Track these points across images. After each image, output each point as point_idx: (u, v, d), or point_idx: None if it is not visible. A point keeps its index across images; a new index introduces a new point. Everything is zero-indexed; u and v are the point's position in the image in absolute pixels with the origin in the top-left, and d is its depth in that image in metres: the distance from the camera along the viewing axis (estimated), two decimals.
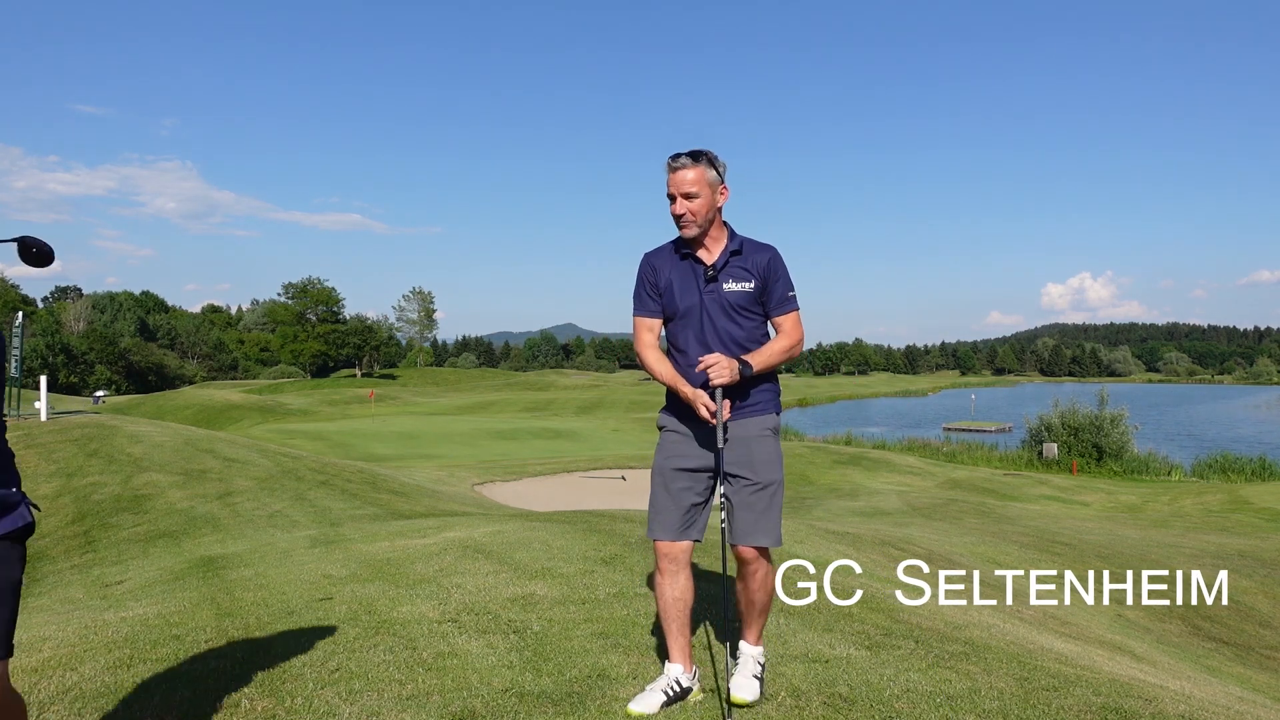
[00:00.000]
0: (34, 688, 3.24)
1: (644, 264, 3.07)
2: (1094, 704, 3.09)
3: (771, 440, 2.99)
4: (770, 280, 2.97)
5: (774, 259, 2.99)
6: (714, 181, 2.93)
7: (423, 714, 2.94)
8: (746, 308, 2.98)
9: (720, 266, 2.97)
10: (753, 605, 3.05)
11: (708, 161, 2.91)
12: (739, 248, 2.99)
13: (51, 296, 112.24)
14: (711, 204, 2.92)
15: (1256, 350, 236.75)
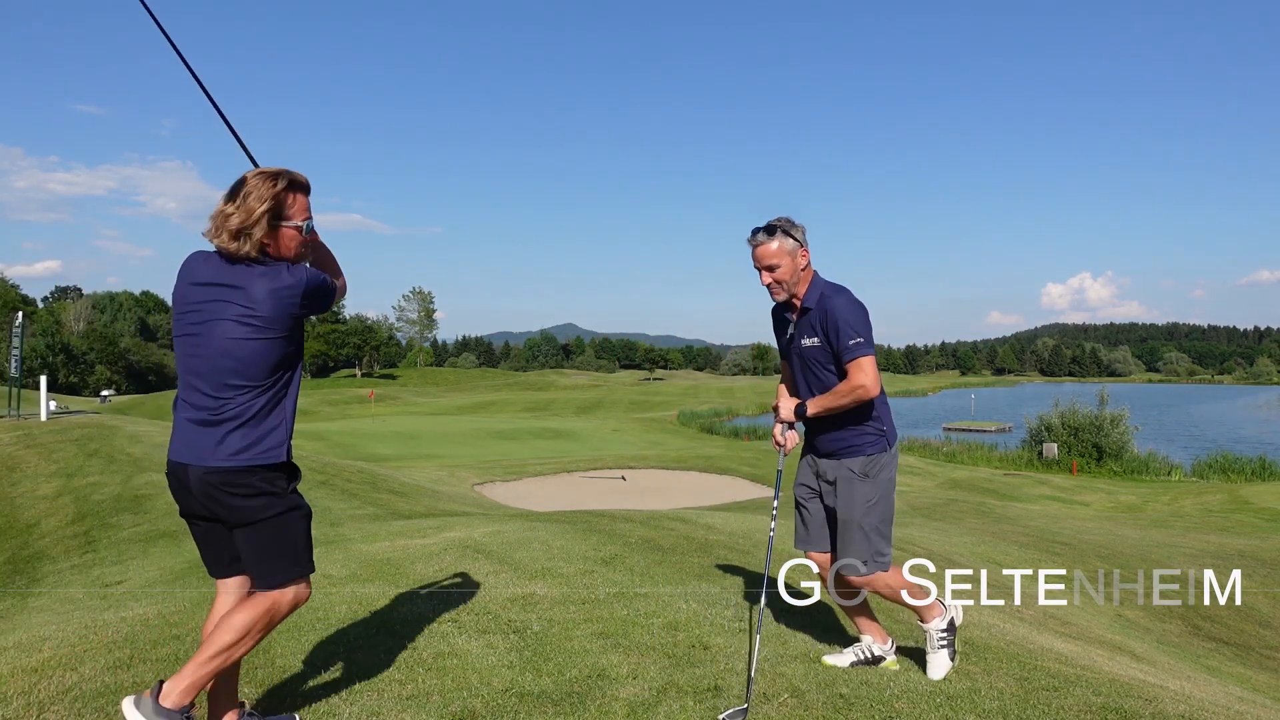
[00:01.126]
0: (34, 688, 3.24)
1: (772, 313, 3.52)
2: (1094, 704, 3.09)
3: (855, 482, 3.24)
4: (830, 331, 3.17)
5: (833, 310, 3.17)
6: (792, 249, 3.21)
7: (423, 714, 2.94)
8: (821, 360, 3.24)
9: (798, 324, 3.31)
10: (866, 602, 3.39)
11: (781, 232, 3.20)
12: (812, 304, 3.24)
13: (51, 296, 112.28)
14: (794, 270, 3.23)
15: (1256, 350, 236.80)
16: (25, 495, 10.73)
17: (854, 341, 3.13)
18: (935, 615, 3.33)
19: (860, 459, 3.26)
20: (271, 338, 2.48)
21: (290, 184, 2.55)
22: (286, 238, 2.55)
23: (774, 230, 3.22)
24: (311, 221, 2.63)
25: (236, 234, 2.47)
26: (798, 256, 3.24)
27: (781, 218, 3.25)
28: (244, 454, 2.47)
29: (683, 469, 22.75)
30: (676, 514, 8.55)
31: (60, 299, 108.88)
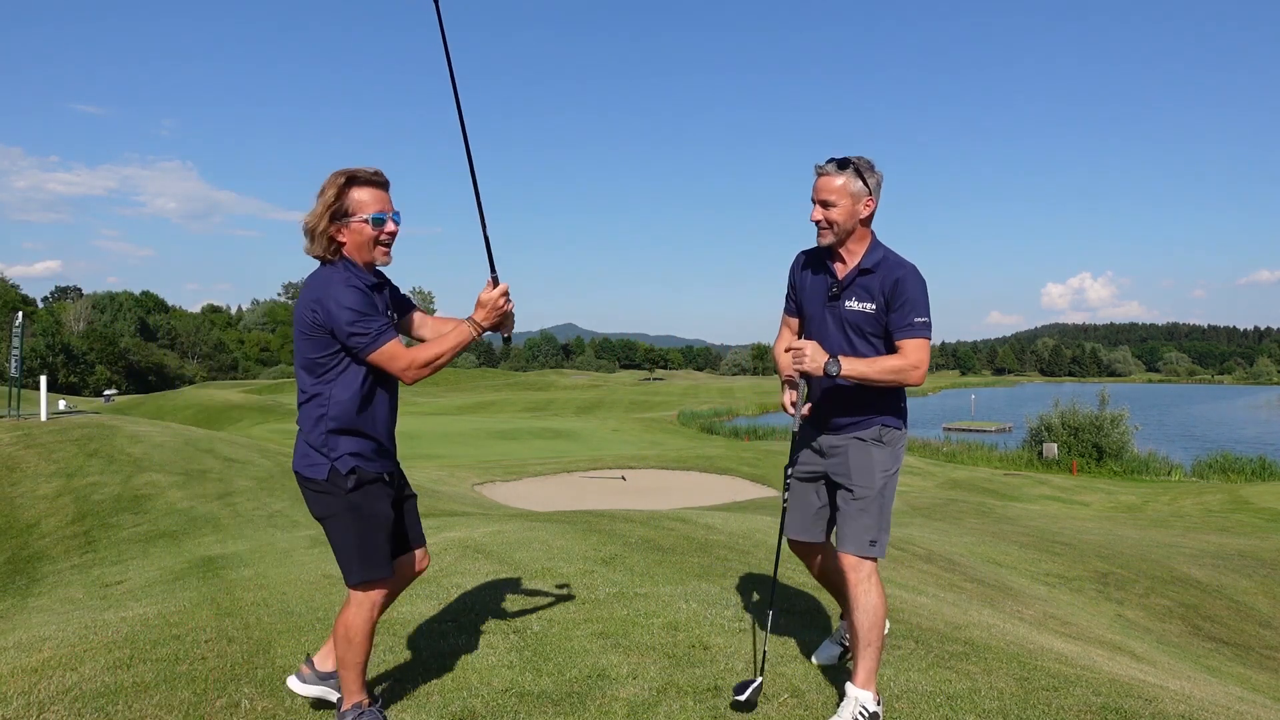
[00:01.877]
0: (34, 688, 3.24)
1: (793, 262, 3.13)
2: (1094, 704, 3.09)
3: (869, 447, 2.89)
4: (894, 301, 2.81)
5: (904, 280, 2.81)
6: (858, 192, 2.82)
7: (423, 714, 2.94)
8: (865, 329, 2.86)
9: (846, 284, 2.88)
10: (853, 630, 2.85)
11: (854, 171, 2.80)
12: (873, 265, 2.86)
13: (51, 296, 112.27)
14: (852, 214, 2.82)
15: (1256, 350, 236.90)
16: (25, 495, 10.73)
17: (921, 320, 2.80)
18: (873, 685, 2.83)
19: (875, 428, 2.91)
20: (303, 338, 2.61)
21: (349, 179, 2.61)
22: (356, 232, 2.61)
23: (846, 164, 2.80)
24: (383, 214, 2.64)
25: (309, 234, 2.61)
26: (861, 204, 2.83)
27: (862, 158, 2.84)
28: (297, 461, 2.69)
29: (683, 469, 22.75)
30: (676, 514, 8.55)
31: (60, 299, 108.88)
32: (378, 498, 2.69)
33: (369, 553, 2.66)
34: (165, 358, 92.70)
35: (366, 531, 2.66)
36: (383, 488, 2.72)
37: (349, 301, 2.52)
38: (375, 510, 2.68)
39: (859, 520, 2.84)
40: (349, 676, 2.71)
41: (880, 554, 2.86)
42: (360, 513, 2.65)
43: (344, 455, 2.62)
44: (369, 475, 2.67)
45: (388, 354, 2.58)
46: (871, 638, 2.80)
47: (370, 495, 2.68)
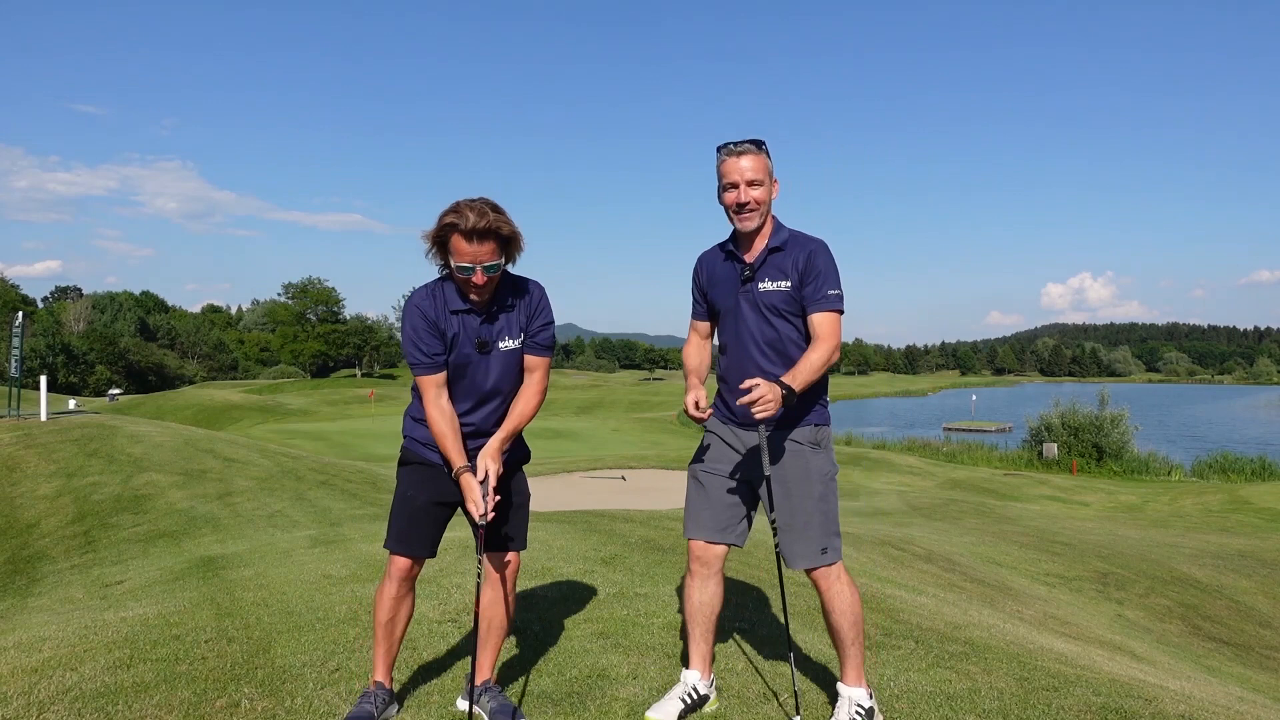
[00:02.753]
0: (34, 688, 3.24)
1: (695, 265, 3.05)
2: (1094, 704, 3.09)
3: (807, 453, 2.80)
4: (807, 275, 2.76)
5: (815, 253, 2.77)
6: (771, 171, 2.79)
7: (423, 714, 2.94)
8: (782, 308, 2.79)
9: (758, 265, 2.82)
10: (833, 632, 2.81)
11: (767, 151, 2.77)
12: (781, 244, 2.81)
13: (51, 296, 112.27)
14: (770, 195, 2.79)
15: (1256, 350, 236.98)
16: (25, 495, 10.73)
17: (834, 292, 2.75)
18: (863, 680, 2.81)
19: (809, 428, 2.81)
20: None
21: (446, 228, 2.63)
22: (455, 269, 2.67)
23: (761, 144, 2.76)
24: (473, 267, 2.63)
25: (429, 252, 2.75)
26: (775, 184, 2.81)
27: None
28: None
29: (683, 469, 22.73)
30: (676, 514, 8.55)
31: (60, 299, 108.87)
32: (414, 482, 2.86)
33: (394, 524, 2.86)
34: (165, 358, 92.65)
35: (397, 506, 2.87)
36: (424, 472, 2.85)
37: (408, 325, 2.75)
38: (407, 491, 2.86)
39: (805, 534, 2.76)
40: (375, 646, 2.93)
41: (836, 558, 2.79)
42: (399, 487, 2.90)
43: (408, 437, 2.92)
44: (412, 457, 2.88)
45: (420, 385, 2.78)
46: (854, 635, 2.78)
47: (408, 475, 2.89)
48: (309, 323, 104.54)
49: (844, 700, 2.77)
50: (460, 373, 2.79)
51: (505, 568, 2.92)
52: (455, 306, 2.75)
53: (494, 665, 2.98)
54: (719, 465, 2.91)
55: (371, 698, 2.85)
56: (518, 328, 2.81)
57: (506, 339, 2.79)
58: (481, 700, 2.89)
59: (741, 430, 2.88)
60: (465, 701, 2.96)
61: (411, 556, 2.84)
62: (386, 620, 2.88)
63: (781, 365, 2.79)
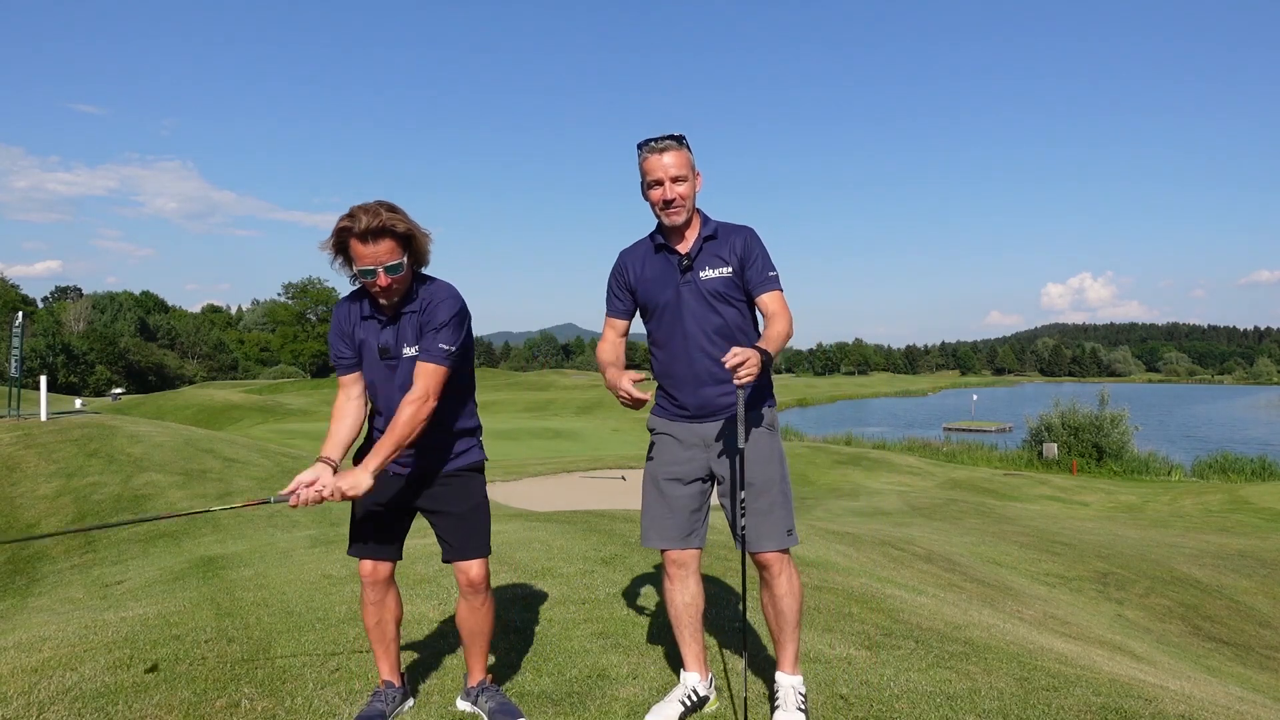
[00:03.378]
0: (34, 688, 3.24)
1: (616, 262, 2.99)
2: (1094, 704, 3.09)
3: (766, 435, 2.82)
4: (747, 260, 2.80)
5: (749, 238, 2.83)
6: (693, 165, 2.80)
7: (423, 714, 2.94)
8: (726, 294, 2.81)
9: (695, 254, 2.83)
10: (779, 616, 2.83)
11: (687, 145, 2.78)
12: (713, 233, 2.85)
13: (51, 296, 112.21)
14: (694, 190, 2.80)
15: (1256, 350, 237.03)
16: (25, 495, 10.73)
17: (774, 273, 2.80)
18: (799, 670, 2.89)
19: (765, 410, 2.83)
20: None
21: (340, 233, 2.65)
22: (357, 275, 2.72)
23: (682, 139, 2.77)
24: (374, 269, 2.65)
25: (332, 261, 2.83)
26: (698, 178, 2.83)
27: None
28: None
29: None
30: None
31: (60, 299, 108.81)
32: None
33: (351, 530, 2.91)
34: (165, 358, 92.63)
35: (352, 511, 2.90)
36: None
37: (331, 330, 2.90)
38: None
39: (772, 515, 2.78)
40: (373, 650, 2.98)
41: (797, 540, 2.85)
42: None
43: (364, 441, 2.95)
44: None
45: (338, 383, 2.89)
46: (797, 620, 2.84)
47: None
48: (309, 323, 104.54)
49: (786, 689, 2.82)
50: (373, 382, 2.84)
51: (471, 576, 2.85)
52: (364, 313, 2.81)
53: (485, 667, 2.98)
54: (676, 468, 2.87)
55: (382, 696, 2.88)
56: (411, 335, 2.76)
57: (407, 347, 2.76)
58: (480, 700, 2.90)
59: (695, 424, 2.85)
60: (464, 702, 2.97)
61: (371, 559, 2.87)
62: (374, 624, 2.92)
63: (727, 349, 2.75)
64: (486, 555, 2.88)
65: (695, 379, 2.82)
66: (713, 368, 2.79)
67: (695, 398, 2.83)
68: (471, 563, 2.84)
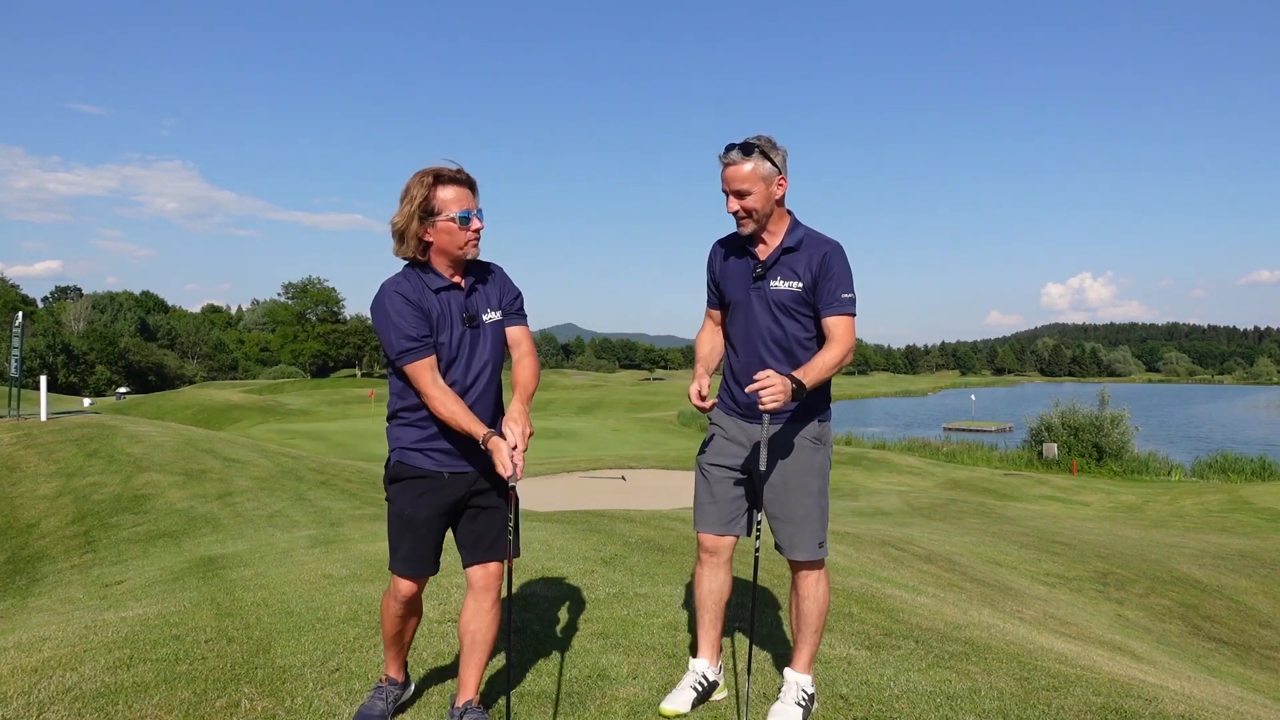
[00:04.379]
0: (34, 688, 3.24)
1: (710, 252, 3.05)
2: (1094, 704, 3.09)
3: (809, 449, 2.86)
4: (821, 277, 2.77)
5: (831, 255, 2.78)
6: (768, 174, 2.75)
7: (423, 714, 2.94)
8: (792, 307, 2.81)
9: (770, 264, 2.83)
10: (800, 618, 2.92)
11: (760, 154, 2.73)
12: (795, 244, 2.82)
13: (51, 296, 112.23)
14: (768, 198, 2.76)
15: (1256, 350, 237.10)
16: (25, 495, 10.73)
17: (848, 295, 2.78)
18: (811, 672, 2.95)
19: (814, 424, 2.87)
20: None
21: (435, 178, 2.62)
22: (444, 231, 2.63)
23: (751, 150, 2.73)
24: (469, 212, 2.64)
25: (399, 237, 2.63)
26: (774, 185, 2.76)
27: (762, 137, 2.77)
28: None
29: (683, 469, 22.73)
30: (676, 514, 8.55)
31: (60, 299, 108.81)
32: (410, 498, 2.69)
33: (397, 546, 2.74)
34: (165, 358, 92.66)
35: (396, 526, 2.73)
36: (419, 485, 2.69)
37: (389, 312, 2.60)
38: (404, 510, 2.70)
39: (805, 527, 2.84)
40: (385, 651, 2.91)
41: (826, 554, 2.90)
42: (393, 506, 2.73)
43: (395, 448, 2.73)
44: (405, 471, 2.69)
45: (412, 372, 2.61)
46: (818, 625, 2.91)
47: (401, 492, 2.71)
48: (309, 323, 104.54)
49: (791, 684, 2.89)
50: (451, 356, 2.68)
51: (486, 575, 2.76)
52: (437, 285, 2.67)
53: (479, 684, 2.81)
54: (721, 459, 2.95)
55: (384, 692, 2.87)
56: (495, 300, 2.78)
57: (489, 311, 2.75)
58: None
59: (745, 423, 2.92)
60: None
61: (419, 577, 2.76)
62: (395, 633, 2.84)
63: (787, 364, 2.82)
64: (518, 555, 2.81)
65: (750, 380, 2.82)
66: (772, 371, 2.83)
67: (747, 398, 2.84)
68: (497, 564, 2.78)
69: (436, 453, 2.68)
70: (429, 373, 2.60)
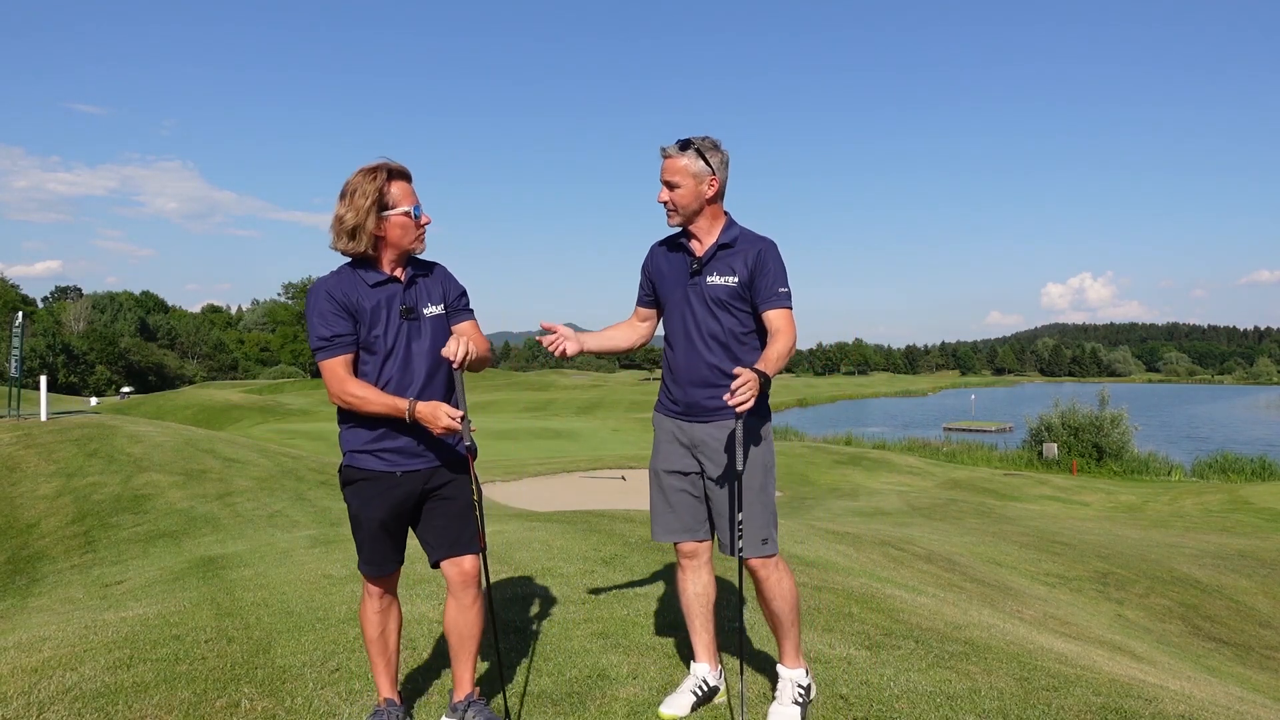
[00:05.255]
0: (34, 688, 3.24)
1: (649, 252, 3.10)
2: (1094, 704, 3.09)
3: (751, 444, 2.84)
4: (758, 273, 2.83)
5: (765, 251, 2.85)
6: (700, 172, 2.81)
7: (423, 714, 2.94)
8: (729, 302, 2.85)
9: (706, 260, 2.88)
10: (772, 617, 2.90)
11: (695, 152, 2.81)
12: (731, 240, 2.87)
13: (51, 296, 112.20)
14: (696, 195, 2.83)
15: (1256, 350, 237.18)
16: (25, 495, 10.73)
17: (784, 290, 2.83)
18: (801, 663, 2.93)
19: (753, 418, 2.83)
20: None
21: (390, 174, 2.66)
22: (397, 226, 2.66)
23: (687, 146, 2.82)
24: (419, 207, 2.70)
25: (351, 233, 2.62)
26: (704, 183, 2.82)
27: (706, 138, 2.84)
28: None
29: None
30: None
31: (60, 299, 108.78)
32: (361, 501, 2.71)
33: (360, 547, 2.77)
34: (165, 358, 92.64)
35: (354, 528, 2.77)
36: (369, 488, 2.69)
37: (315, 309, 2.62)
38: (359, 512, 2.72)
39: (750, 524, 2.81)
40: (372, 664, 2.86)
41: (774, 550, 2.84)
42: (349, 509, 2.76)
43: (346, 452, 2.74)
44: (354, 474, 2.72)
45: (325, 370, 2.63)
46: (793, 619, 2.88)
47: (353, 495, 2.73)
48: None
49: (785, 681, 2.87)
50: (387, 349, 2.66)
51: (465, 568, 2.75)
52: (374, 280, 2.67)
53: (473, 678, 2.83)
54: (670, 462, 2.96)
55: (384, 715, 2.78)
56: (438, 296, 2.79)
57: (430, 305, 2.76)
58: (468, 717, 2.78)
59: (685, 423, 2.92)
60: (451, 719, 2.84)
61: (384, 576, 2.78)
62: (377, 635, 2.81)
63: (726, 358, 2.85)
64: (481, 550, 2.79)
65: (688, 379, 2.90)
66: (704, 371, 2.86)
67: (685, 396, 2.91)
68: (469, 558, 2.77)
69: (386, 453, 2.68)
70: (341, 369, 2.61)
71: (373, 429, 2.68)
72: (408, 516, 2.77)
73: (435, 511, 2.75)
